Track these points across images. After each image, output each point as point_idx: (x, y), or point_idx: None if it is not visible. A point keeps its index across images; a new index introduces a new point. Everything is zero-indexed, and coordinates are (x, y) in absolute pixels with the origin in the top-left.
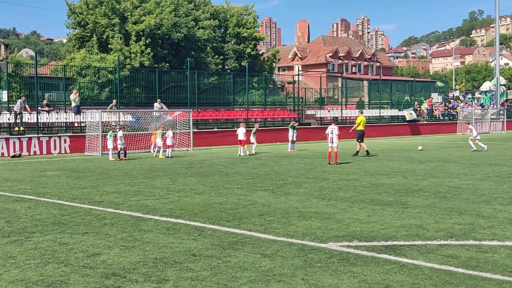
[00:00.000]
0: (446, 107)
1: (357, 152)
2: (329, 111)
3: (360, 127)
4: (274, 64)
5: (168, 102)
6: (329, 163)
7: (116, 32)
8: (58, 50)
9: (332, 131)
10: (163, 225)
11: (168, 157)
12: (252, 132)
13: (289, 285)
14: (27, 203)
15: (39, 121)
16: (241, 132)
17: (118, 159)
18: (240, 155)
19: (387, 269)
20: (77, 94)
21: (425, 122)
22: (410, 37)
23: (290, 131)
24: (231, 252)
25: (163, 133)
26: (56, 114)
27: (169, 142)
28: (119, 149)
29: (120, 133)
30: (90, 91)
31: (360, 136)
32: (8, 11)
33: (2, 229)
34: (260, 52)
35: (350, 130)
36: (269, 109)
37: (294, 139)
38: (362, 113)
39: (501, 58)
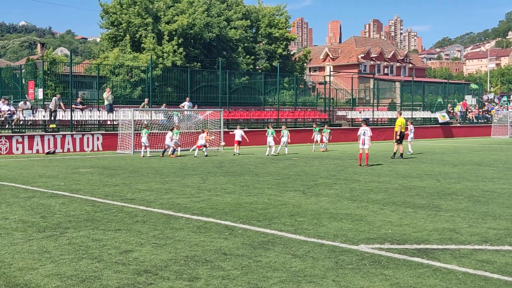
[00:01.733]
0: (480, 110)
1: (394, 154)
2: (360, 112)
3: (400, 129)
4: (305, 64)
5: (199, 102)
6: (360, 165)
7: (149, 31)
8: (92, 49)
9: (364, 132)
10: (194, 223)
11: (206, 156)
12: (270, 133)
13: (320, 286)
14: (61, 199)
15: (73, 118)
16: (237, 133)
17: (171, 155)
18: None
19: (419, 272)
20: (110, 92)
21: (459, 124)
22: (444, 38)
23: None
24: (262, 252)
25: (180, 132)
26: (89, 112)
27: (201, 142)
28: (173, 146)
29: (171, 133)
30: (123, 89)
31: (400, 138)
32: (44, 11)
33: (37, 224)
34: (292, 53)
35: (397, 136)
36: (299, 109)
37: (326, 140)
38: (401, 114)
39: None
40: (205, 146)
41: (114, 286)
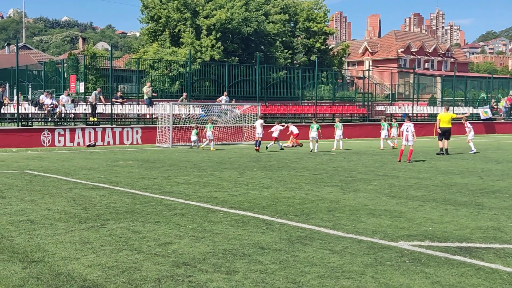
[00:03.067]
0: None
1: (441, 149)
2: (399, 108)
3: (447, 125)
4: (343, 59)
5: (237, 96)
6: (400, 161)
7: (187, 26)
8: (132, 43)
9: (407, 128)
10: (232, 217)
11: (281, 149)
12: (315, 128)
13: (358, 282)
14: (101, 191)
15: (113, 112)
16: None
17: (256, 148)
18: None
19: (462, 271)
20: (151, 87)
21: (502, 120)
22: (488, 32)
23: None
24: (300, 246)
25: (213, 126)
26: (129, 105)
27: (275, 134)
28: (257, 139)
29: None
30: (162, 83)
31: (442, 133)
32: (86, 6)
33: (79, 215)
34: (330, 47)
35: (438, 131)
36: (337, 104)
37: (395, 135)
38: (448, 109)
39: None
40: (277, 138)
41: (153, 277)
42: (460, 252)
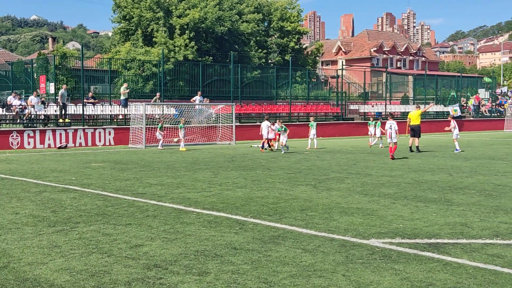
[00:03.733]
0: (493, 104)
1: (410, 147)
2: (373, 106)
3: (417, 122)
4: (317, 58)
5: (211, 96)
6: (392, 158)
7: (160, 25)
8: (104, 43)
9: (391, 126)
10: (205, 218)
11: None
12: (314, 126)
13: (330, 280)
14: (72, 194)
15: (85, 113)
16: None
17: (261, 150)
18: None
19: (430, 267)
20: (128, 88)
21: (471, 118)
22: (457, 32)
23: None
24: (272, 246)
25: (184, 126)
26: (101, 106)
27: (272, 135)
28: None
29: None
30: (135, 84)
31: (412, 131)
32: (56, 5)
33: (48, 219)
34: (304, 46)
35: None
36: (312, 103)
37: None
38: (419, 108)
39: None
40: (274, 138)
41: (123, 280)
42: (429, 248)
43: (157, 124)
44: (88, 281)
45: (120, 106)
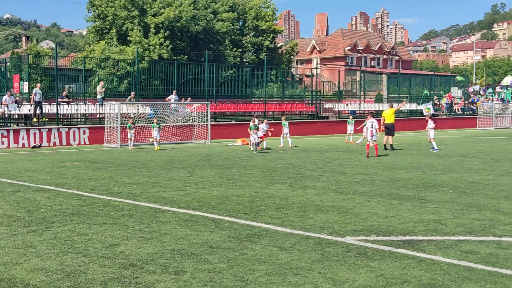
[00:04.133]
0: (466, 102)
1: (384, 145)
2: (347, 105)
3: (390, 120)
4: (292, 57)
5: (186, 95)
6: (368, 156)
7: (135, 24)
8: (78, 42)
9: (372, 124)
10: (181, 216)
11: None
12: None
13: (306, 278)
14: (46, 193)
15: (59, 112)
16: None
17: (258, 148)
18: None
19: (404, 264)
20: (104, 87)
21: (444, 116)
22: (430, 31)
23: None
24: (248, 244)
25: (159, 126)
26: (75, 105)
27: (260, 134)
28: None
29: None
30: (109, 83)
31: (387, 129)
32: (30, 3)
33: (22, 219)
34: (279, 45)
35: (382, 127)
36: (287, 102)
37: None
38: (392, 106)
39: None
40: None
41: (99, 280)
42: (403, 245)
43: (127, 123)
44: (63, 281)
45: (98, 105)
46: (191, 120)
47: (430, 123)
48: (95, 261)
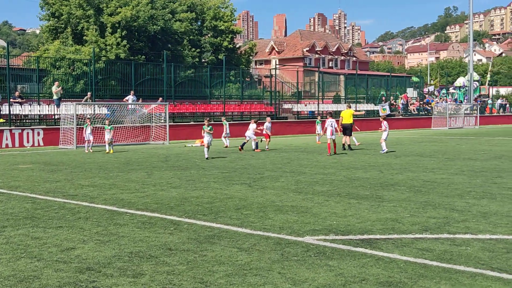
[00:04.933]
0: (421, 102)
1: (343, 145)
2: (306, 105)
3: (349, 121)
4: (251, 57)
5: (144, 95)
6: (329, 154)
7: (91, 23)
8: (31, 41)
9: (331, 124)
10: (139, 219)
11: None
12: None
13: (266, 279)
14: None
15: (11, 113)
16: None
17: (240, 149)
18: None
19: (363, 262)
20: (61, 87)
21: (400, 116)
22: (386, 32)
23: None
24: (208, 246)
25: (111, 128)
26: (29, 106)
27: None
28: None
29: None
30: (65, 83)
31: (344, 130)
32: None
33: None
34: (237, 46)
35: (340, 128)
36: (246, 102)
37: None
38: (350, 107)
39: (475, 54)
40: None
41: (54, 285)
42: (361, 244)
43: (84, 124)
44: (16, 287)
45: (54, 105)
46: (148, 121)
47: (384, 125)
48: (50, 266)
